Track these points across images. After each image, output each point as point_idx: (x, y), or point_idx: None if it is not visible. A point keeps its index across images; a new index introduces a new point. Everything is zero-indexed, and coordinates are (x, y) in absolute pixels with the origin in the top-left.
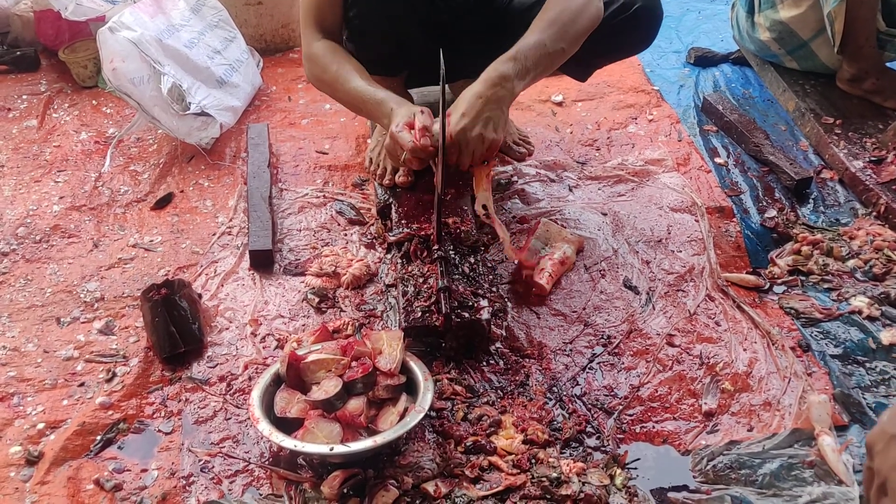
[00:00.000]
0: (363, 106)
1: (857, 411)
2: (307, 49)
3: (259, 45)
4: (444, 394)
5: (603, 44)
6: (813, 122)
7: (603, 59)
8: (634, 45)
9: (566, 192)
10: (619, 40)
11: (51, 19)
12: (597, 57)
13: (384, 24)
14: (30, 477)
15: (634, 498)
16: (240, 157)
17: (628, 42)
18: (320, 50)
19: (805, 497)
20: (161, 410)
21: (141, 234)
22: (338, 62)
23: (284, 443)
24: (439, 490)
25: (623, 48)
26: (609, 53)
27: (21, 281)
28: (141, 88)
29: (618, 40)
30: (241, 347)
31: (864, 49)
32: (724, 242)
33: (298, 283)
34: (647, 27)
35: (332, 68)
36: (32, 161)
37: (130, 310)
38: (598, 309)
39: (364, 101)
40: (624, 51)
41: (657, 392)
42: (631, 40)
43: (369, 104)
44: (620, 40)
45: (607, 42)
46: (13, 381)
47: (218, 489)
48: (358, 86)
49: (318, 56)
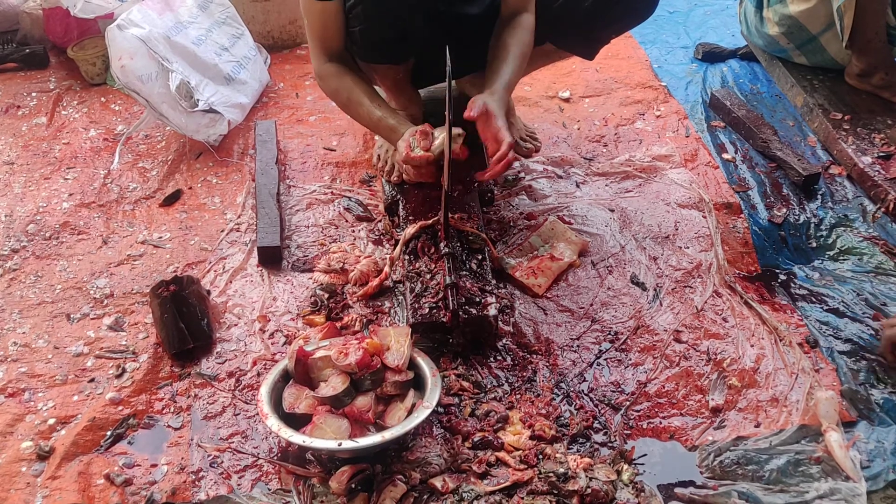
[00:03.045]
0: (377, 130)
1: (865, 407)
2: (317, 69)
3: (266, 42)
4: (451, 390)
5: (605, 16)
6: (821, 118)
7: (607, 32)
8: (633, 14)
9: (574, 188)
10: (617, 11)
11: (59, 17)
12: (600, 30)
13: (386, 11)
14: (41, 472)
15: (641, 493)
16: (248, 153)
17: (626, 11)
18: (327, 72)
19: (812, 493)
20: (170, 406)
21: (150, 230)
22: (347, 88)
23: (293, 438)
24: (447, 485)
25: (623, 19)
26: (612, 25)
27: (31, 277)
28: (149, 85)
29: (616, 10)
30: (249, 343)
31: (873, 44)
32: (731, 238)
33: (306, 279)
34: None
35: (342, 96)
36: (42, 158)
37: (140, 306)
38: (606, 305)
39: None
40: (624, 21)
41: (664, 388)
42: (628, 9)
43: (382, 130)
44: (619, 10)
45: (609, 13)
46: (24, 376)
47: (227, 484)
48: (375, 115)
49: (326, 79)
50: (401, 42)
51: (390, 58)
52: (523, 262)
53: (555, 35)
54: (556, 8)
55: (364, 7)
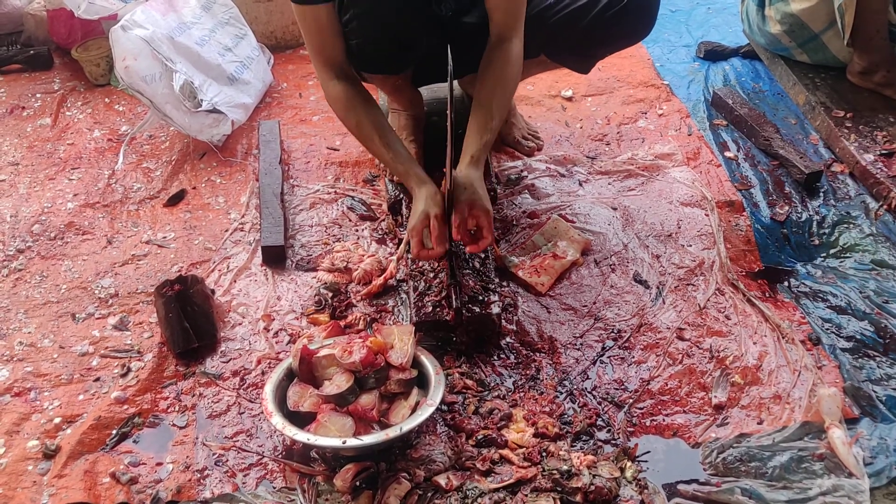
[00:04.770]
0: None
1: (868, 404)
2: (324, 88)
3: (270, 42)
4: (455, 388)
5: (599, 37)
6: (823, 116)
7: (602, 51)
8: (630, 36)
9: (576, 186)
10: (614, 32)
11: (63, 18)
12: (595, 49)
13: (383, 25)
14: (47, 470)
15: (645, 490)
16: (251, 153)
17: (623, 34)
18: (337, 95)
19: (815, 490)
20: (175, 405)
21: (154, 230)
22: (356, 114)
23: (297, 436)
24: (451, 483)
25: (619, 40)
26: (606, 46)
27: (37, 277)
28: (153, 86)
29: (613, 32)
30: (253, 342)
31: (874, 41)
32: (734, 236)
33: (310, 278)
34: (640, 18)
35: (351, 121)
36: (47, 159)
37: (144, 306)
38: (609, 303)
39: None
40: (620, 42)
41: (667, 385)
42: (625, 32)
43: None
44: (615, 32)
45: (603, 35)
46: (30, 376)
47: (232, 482)
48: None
49: (336, 102)
50: (398, 54)
51: (388, 69)
52: (526, 261)
53: (550, 50)
54: (552, 24)
55: (359, 22)
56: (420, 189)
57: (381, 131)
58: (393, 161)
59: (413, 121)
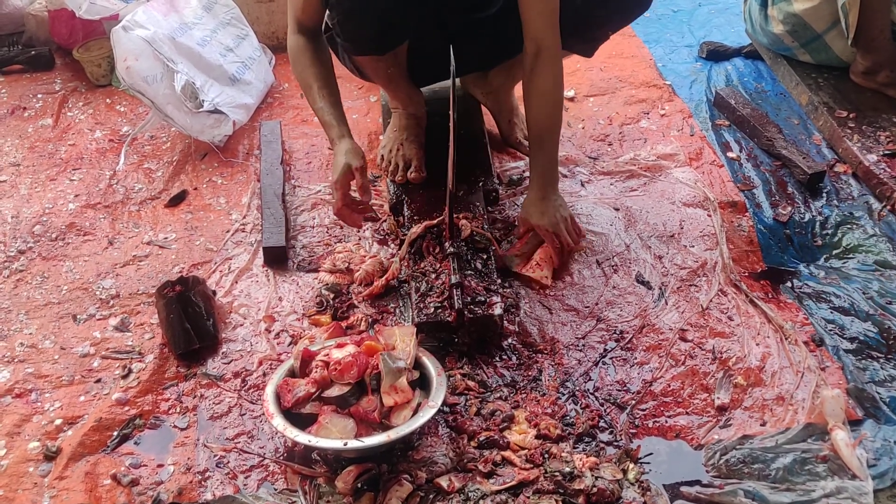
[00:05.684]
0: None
1: (871, 406)
2: (288, 43)
3: (271, 43)
4: (457, 389)
5: (595, 15)
6: (826, 116)
7: (604, 30)
8: (628, 11)
9: (578, 187)
10: (609, 8)
11: (65, 18)
12: (597, 29)
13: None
14: (48, 472)
15: (647, 492)
16: (253, 154)
17: (620, 7)
18: (292, 45)
19: (818, 491)
20: (176, 406)
21: (155, 231)
22: (302, 63)
23: (299, 438)
24: (453, 484)
25: (615, 16)
26: (604, 24)
27: (38, 278)
28: (154, 87)
29: (608, 8)
30: (255, 343)
31: (878, 41)
32: (736, 237)
33: (312, 279)
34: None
35: (297, 69)
36: (48, 159)
37: (145, 307)
38: (611, 304)
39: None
40: (617, 19)
41: (670, 387)
42: (625, 3)
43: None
44: (611, 8)
45: (598, 12)
46: (31, 377)
47: (233, 484)
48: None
49: (290, 52)
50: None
51: (371, 46)
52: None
53: None
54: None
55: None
56: (340, 143)
57: (320, 82)
58: (321, 111)
59: (413, 120)
